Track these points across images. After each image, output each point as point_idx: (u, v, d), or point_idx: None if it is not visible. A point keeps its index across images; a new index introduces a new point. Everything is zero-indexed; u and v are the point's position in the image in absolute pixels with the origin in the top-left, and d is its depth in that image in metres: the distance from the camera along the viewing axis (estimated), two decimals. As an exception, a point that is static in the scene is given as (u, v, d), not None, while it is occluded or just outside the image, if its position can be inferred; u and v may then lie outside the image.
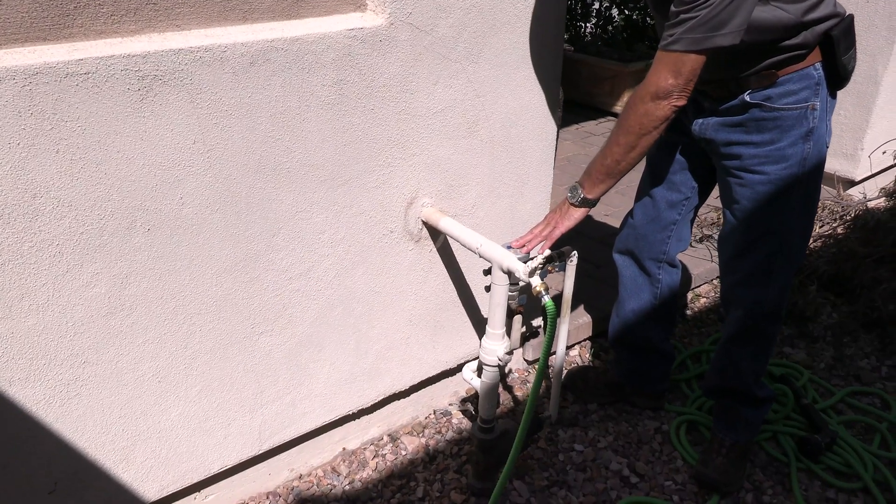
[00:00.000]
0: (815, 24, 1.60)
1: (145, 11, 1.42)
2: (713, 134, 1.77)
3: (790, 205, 1.74)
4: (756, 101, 1.66)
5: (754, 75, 1.66)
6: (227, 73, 1.48)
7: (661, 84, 1.53)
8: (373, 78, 1.71)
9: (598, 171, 1.73)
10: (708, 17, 1.44)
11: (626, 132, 1.62)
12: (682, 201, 1.98)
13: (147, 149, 1.43)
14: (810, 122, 1.66)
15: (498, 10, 1.87)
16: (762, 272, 1.84)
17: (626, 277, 2.16)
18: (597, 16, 6.38)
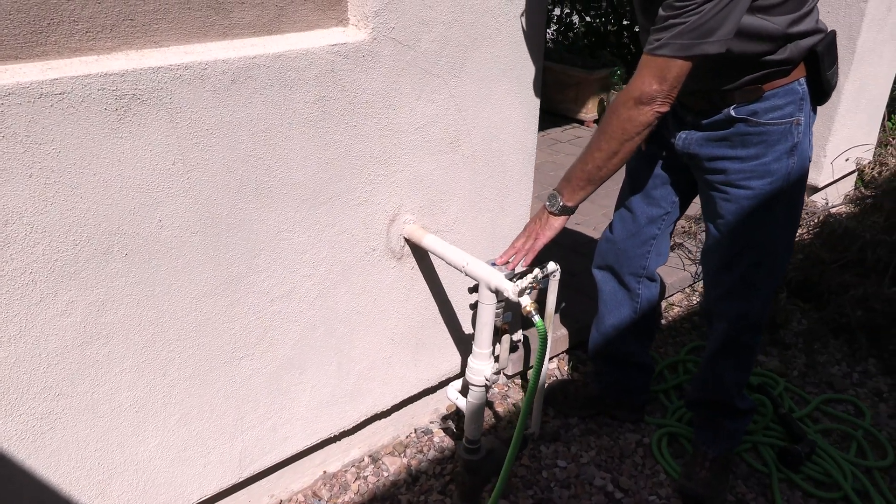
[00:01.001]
0: (799, 37, 1.60)
1: (122, 28, 1.35)
2: (697, 149, 1.77)
3: (775, 218, 1.75)
4: (741, 116, 1.66)
5: (739, 89, 1.66)
6: (208, 91, 1.43)
7: (645, 89, 1.51)
8: (355, 94, 1.67)
9: (579, 177, 1.70)
10: (697, 24, 1.42)
11: (609, 138, 1.60)
12: (662, 216, 1.98)
13: (125, 171, 1.37)
14: (795, 136, 1.67)
15: (480, 24, 1.84)
16: (747, 285, 1.84)
17: (605, 293, 2.15)
18: (557, 22, 6.43)
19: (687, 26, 1.42)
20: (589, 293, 2.25)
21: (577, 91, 5.13)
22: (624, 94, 1.56)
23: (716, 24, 1.42)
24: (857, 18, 3.49)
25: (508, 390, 2.54)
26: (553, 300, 2.04)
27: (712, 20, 1.41)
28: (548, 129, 5.05)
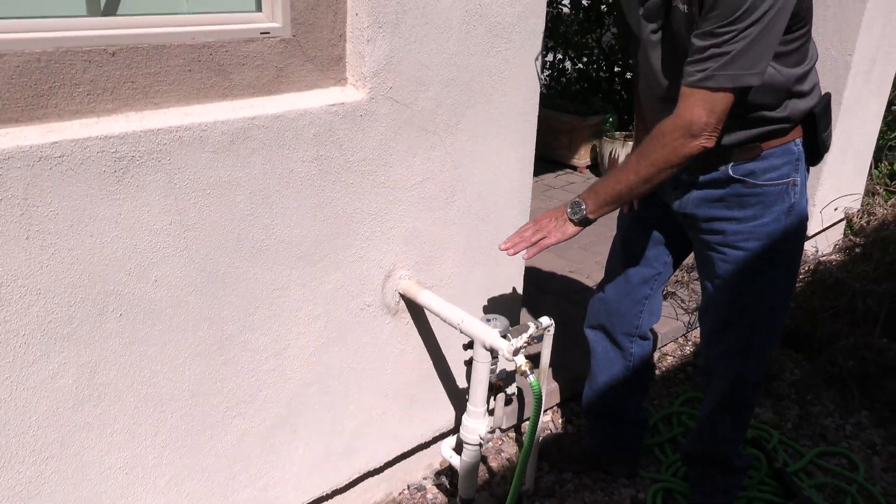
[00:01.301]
0: (799, 96, 1.63)
1: (123, 90, 1.37)
2: (694, 209, 1.78)
3: (773, 278, 1.75)
4: (739, 176, 1.68)
5: (738, 146, 1.67)
6: (207, 151, 1.44)
7: (694, 120, 1.49)
8: (353, 152, 1.68)
9: (609, 193, 1.66)
10: (740, 53, 1.42)
11: (650, 164, 1.57)
12: (655, 276, 1.98)
13: (122, 231, 1.37)
14: (791, 197, 1.69)
15: (475, 83, 1.87)
16: (745, 345, 1.85)
17: (598, 352, 2.15)
18: (550, 68, 6.53)
19: (730, 57, 1.43)
20: (582, 344, 2.25)
21: (570, 137, 5.19)
22: (670, 124, 1.53)
23: (756, 56, 1.43)
24: (843, 71, 3.56)
25: (503, 444, 2.52)
26: (547, 355, 2.04)
27: (753, 50, 1.42)
28: (541, 175, 5.09)
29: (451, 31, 1.76)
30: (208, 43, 1.44)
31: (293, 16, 1.55)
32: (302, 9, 1.56)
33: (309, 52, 1.60)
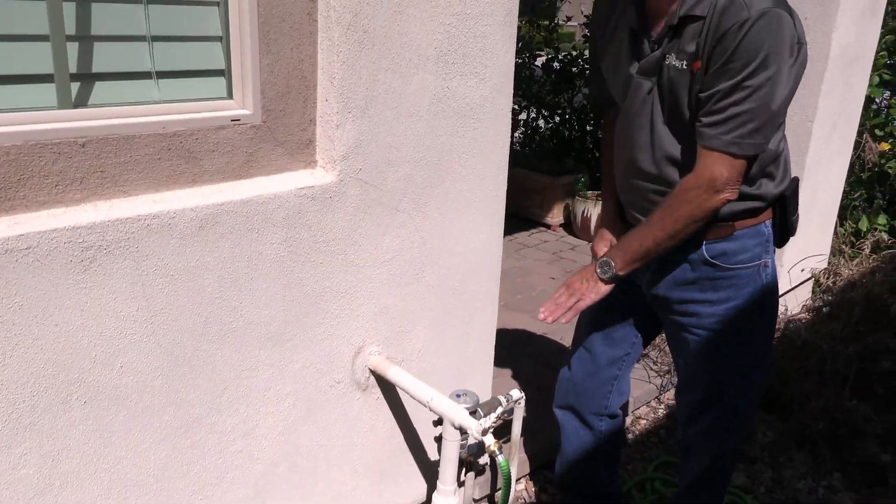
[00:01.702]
0: (771, 177, 1.68)
1: (92, 179, 1.38)
2: (666, 291, 1.80)
3: (749, 353, 1.78)
4: (711, 258, 1.71)
5: (712, 225, 1.70)
6: (175, 238, 1.45)
7: (717, 177, 1.54)
8: (322, 233, 1.70)
9: (636, 250, 1.69)
10: (759, 115, 1.48)
11: (675, 220, 1.61)
12: (623, 357, 1.99)
13: (88, 319, 1.37)
14: (763, 278, 1.73)
15: (444, 162, 1.91)
16: (727, 418, 1.86)
17: (567, 431, 2.15)
18: (524, 126, 6.66)
19: (753, 123, 1.49)
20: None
21: (542, 196, 5.27)
22: (694, 181, 1.58)
23: (774, 118, 1.51)
24: (805, 136, 3.67)
25: (475, 515, 2.50)
26: (518, 427, 2.04)
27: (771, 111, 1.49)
28: (514, 234, 5.15)
29: (420, 114, 1.81)
30: (179, 131, 1.47)
31: (264, 103, 1.58)
32: (272, 96, 1.59)
33: (279, 137, 1.63)
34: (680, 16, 1.56)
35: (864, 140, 4.44)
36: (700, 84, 1.54)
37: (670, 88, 1.60)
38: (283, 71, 1.59)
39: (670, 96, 1.61)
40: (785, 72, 1.48)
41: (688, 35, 1.56)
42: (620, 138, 1.80)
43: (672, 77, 1.59)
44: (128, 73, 1.46)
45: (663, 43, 1.61)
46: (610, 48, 1.77)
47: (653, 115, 1.67)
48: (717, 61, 1.50)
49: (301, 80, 1.63)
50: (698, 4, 1.54)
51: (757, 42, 1.45)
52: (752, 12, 1.46)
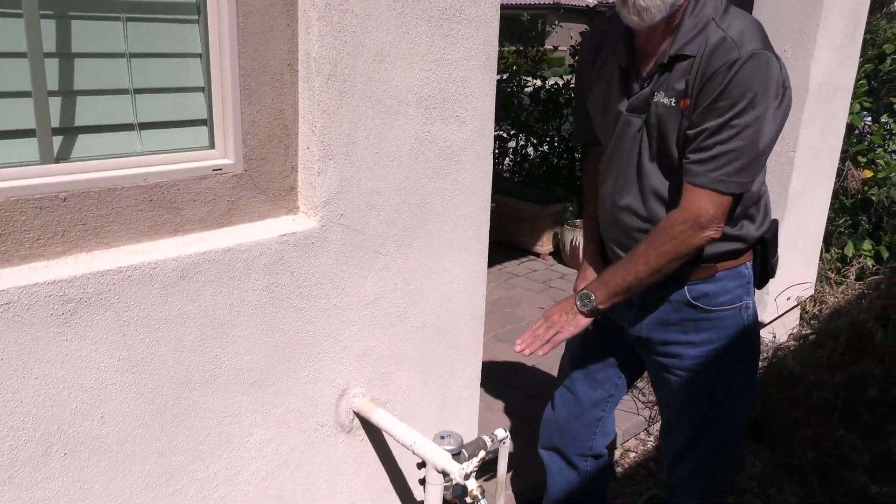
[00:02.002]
0: (751, 219, 1.70)
1: (73, 233, 1.40)
2: (649, 333, 1.81)
3: (732, 394, 1.79)
4: (693, 299, 1.72)
5: (695, 265, 1.71)
6: (157, 288, 1.46)
7: (702, 214, 1.55)
8: (304, 278, 1.72)
9: (618, 285, 1.69)
10: (745, 153, 1.50)
11: (659, 255, 1.61)
12: (607, 398, 2.00)
13: (68, 371, 1.38)
14: (744, 319, 1.74)
15: (426, 205, 1.93)
16: (714, 456, 1.86)
17: (553, 472, 2.15)
18: (514, 153, 6.71)
19: (739, 162, 1.51)
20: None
21: (532, 225, 5.30)
22: (679, 216, 1.59)
23: (761, 158, 1.54)
24: (787, 167, 3.71)
25: (463, 553, 2.48)
26: (504, 467, 2.04)
27: (758, 150, 1.52)
28: (504, 263, 5.17)
29: (402, 158, 1.83)
30: (160, 182, 1.49)
31: (246, 152, 1.60)
32: (254, 145, 1.62)
33: (261, 185, 1.65)
34: (670, 55, 1.59)
35: (847, 168, 4.49)
36: (688, 121, 1.57)
37: (658, 125, 1.63)
38: (264, 120, 1.62)
39: (658, 133, 1.63)
40: (771, 113, 1.51)
41: (677, 73, 1.59)
42: (607, 175, 1.81)
43: (661, 114, 1.61)
44: (111, 126, 1.48)
45: (653, 80, 1.64)
46: (598, 85, 1.79)
47: (640, 152, 1.69)
48: (706, 99, 1.52)
49: (282, 129, 1.65)
50: (689, 44, 1.57)
51: (746, 82, 1.49)
52: (741, 53, 1.49)
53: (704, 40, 1.54)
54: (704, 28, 1.56)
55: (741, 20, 1.56)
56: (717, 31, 1.54)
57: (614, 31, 1.73)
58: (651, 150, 1.67)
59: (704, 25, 1.57)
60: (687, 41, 1.57)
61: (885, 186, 4.40)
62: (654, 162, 1.68)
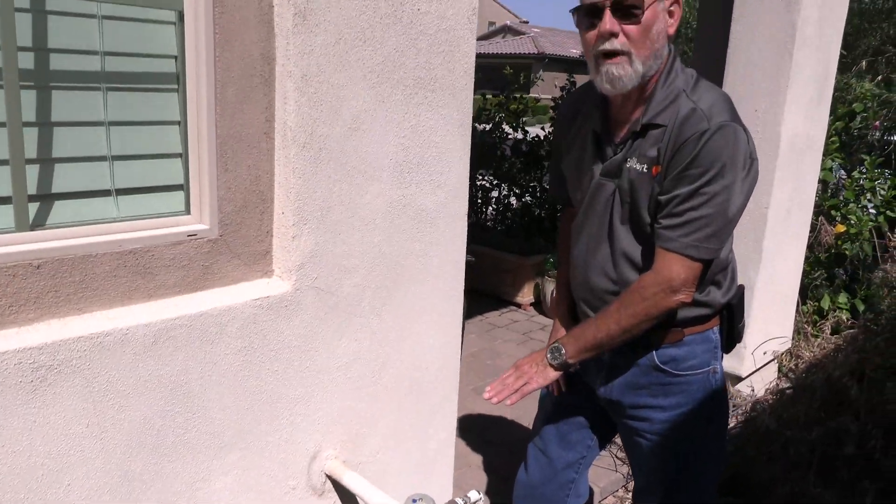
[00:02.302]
0: (718, 286, 1.74)
1: (46, 299, 1.41)
2: (619, 396, 1.83)
3: (702, 458, 1.80)
4: (661, 363, 1.75)
5: (663, 329, 1.74)
6: (128, 354, 1.47)
7: (675, 278, 1.59)
8: (277, 341, 1.73)
9: (589, 341, 1.71)
10: (716, 220, 1.56)
11: (630, 315, 1.64)
12: (580, 459, 2.01)
13: (35, 440, 1.37)
14: (713, 384, 1.77)
15: (401, 267, 1.96)
16: None
17: None
18: (496, 203, 6.79)
19: (710, 228, 1.57)
20: None
21: (513, 276, 5.33)
22: (651, 279, 1.62)
23: (730, 224, 1.60)
24: (760, 223, 3.79)
25: None
26: (478, 530, 2.03)
27: (728, 217, 1.57)
28: (485, 313, 5.19)
29: (376, 222, 1.86)
30: (135, 249, 1.51)
31: (221, 217, 1.63)
32: (230, 210, 1.64)
33: (235, 250, 1.67)
34: (643, 123, 1.65)
35: (820, 223, 4.58)
36: (659, 187, 1.61)
37: (631, 190, 1.67)
38: (240, 186, 1.65)
39: (631, 198, 1.68)
40: (739, 183, 1.58)
41: (649, 140, 1.64)
42: (579, 236, 1.85)
43: (633, 179, 1.66)
44: (88, 192, 1.50)
45: (626, 147, 1.69)
46: (573, 149, 1.85)
47: (612, 215, 1.74)
48: (677, 167, 1.58)
49: (258, 195, 1.68)
50: (661, 114, 1.63)
51: (715, 152, 1.55)
52: (711, 124, 1.56)
53: (676, 111, 1.61)
54: (676, 99, 1.63)
55: (711, 94, 1.63)
56: (687, 102, 1.61)
57: (590, 97, 1.79)
58: (623, 214, 1.72)
59: (676, 97, 1.63)
60: (659, 111, 1.64)
61: (857, 241, 4.48)
62: (625, 225, 1.72)
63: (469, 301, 5.36)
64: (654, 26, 1.60)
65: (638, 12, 1.57)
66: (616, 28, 1.58)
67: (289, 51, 1.60)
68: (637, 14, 1.57)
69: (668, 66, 1.66)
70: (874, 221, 4.62)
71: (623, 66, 1.60)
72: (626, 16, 1.57)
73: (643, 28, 1.58)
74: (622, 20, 1.58)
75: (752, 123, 3.66)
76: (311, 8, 1.61)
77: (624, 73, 1.60)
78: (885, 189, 4.76)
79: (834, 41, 3.97)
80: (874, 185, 4.72)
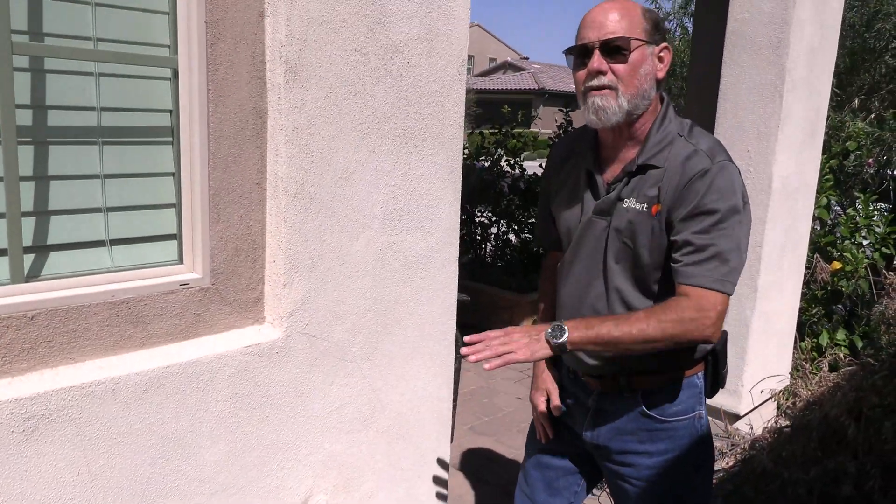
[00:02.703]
0: None
1: (40, 349, 1.44)
2: (606, 441, 1.83)
3: (691, 501, 1.81)
4: (648, 410, 1.75)
5: (648, 375, 1.74)
6: (119, 403, 1.49)
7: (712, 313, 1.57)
8: (269, 387, 1.75)
9: (600, 335, 1.60)
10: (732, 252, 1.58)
11: (658, 329, 1.58)
12: None
13: (27, 488, 1.39)
14: (699, 429, 1.78)
15: (391, 311, 1.99)
16: None
17: None
18: (495, 239, 6.83)
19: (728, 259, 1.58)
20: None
21: (510, 313, 5.35)
22: (691, 304, 1.59)
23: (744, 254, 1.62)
24: (755, 262, 3.81)
25: None
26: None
27: (743, 250, 1.60)
28: (483, 351, 5.18)
29: (367, 268, 1.90)
30: (128, 298, 1.54)
31: (213, 266, 1.67)
32: (222, 259, 1.68)
33: (227, 298, 1.70)
34: (639, 164, 1.69)
35: (816, 260, 4.60)
36: (660, 226, 1.65)
37: (630, 229, 1.70)
38: (232, 236, 1.69)
39: (630, 236, 1.70)
40: (746, 219, 1.63)
41: (649, 180, 1.68)
42: (569, 276, 1.86)
43: (632, 219, 1.69)
44: (82, 243, 1.54)
45: (619, 186, 1.73)
46: (564, 188, 1.88)
47: (606, 254, 1.76)
48: (686, 205, 1.61)
49: (250, 244, 1.72)
50: (657, 155, 1.68)
51: (724, 188, 1.60)
52: (714, 163, 1.61)
53: (671, 153, 1.66)
54: (672, 142, 1.68)
55: (707, 138, 1.70)
56: (686, 144, 1.67)
57: (584, 139, 1.84)
58: (617, 253, 1.74)
59: (671, 140, 1.69)
60: (654, 153, 1.69)
61: (852, 279, 4.50)
62: (619, 264, 1.75)
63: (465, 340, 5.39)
64: (641, 67, 1.66)
65: (626, 52, 1.64)
66: (604, 66, 1.64)
67: (280, 105, 1.65)
68: (625, 54, 1.64)
69: (664, 112, 1.72)
70: (869, 259, 4.65)
71: (608, 98, 1.65)
72: (614, 55, 1.64)
73: (630, 67, 1.64)
74: (610, 59, 1.64)
75: (745, 164, 3.71)
76: (303, 64, 1.66)
77: (608, 105, 1.65)
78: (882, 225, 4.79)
79: (824, 82, 4.04)
80: (869, 222, 4.75)
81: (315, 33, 1.67)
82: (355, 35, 1.75)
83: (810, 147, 4.00)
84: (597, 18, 1.64)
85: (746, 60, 3.66)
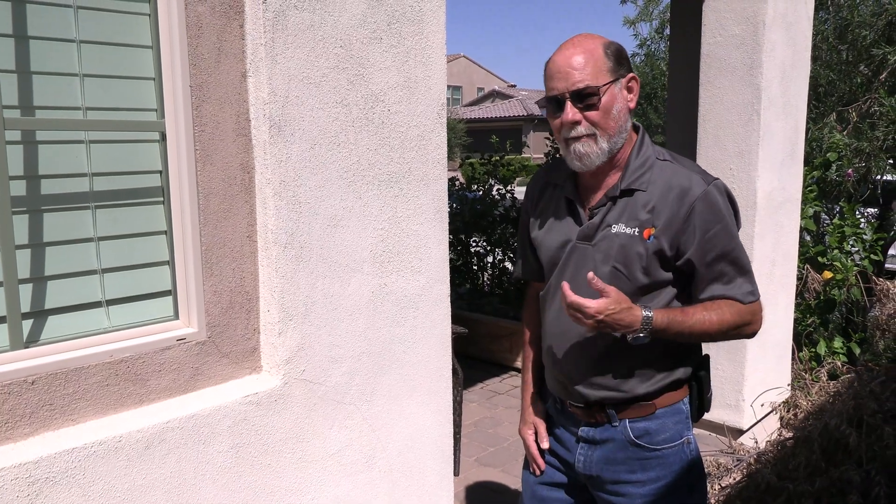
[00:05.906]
0: (686, 356, 1.79)
1: (41, 413, 1.47)
2: (599, 471, 1.85)
3: None
4: (636, 439, 1.77)
5: (634, 403, 1.77)
6: (121, 460, 1.52)
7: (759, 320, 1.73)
8: (269, 435, 1.78)
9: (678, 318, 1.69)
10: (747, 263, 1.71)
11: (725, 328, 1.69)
12: None
13: (33, 552, 1.41)
14: (688, 455, 1.80)
15: (386, 351, 2.02)
16: None
17: None
18: (492, 268, 6.88)
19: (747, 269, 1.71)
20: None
21: (511, 341, 5.37)
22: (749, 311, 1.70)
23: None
24: (746, 277, 3.86)
25: None
26: None
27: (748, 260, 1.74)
28: (486, 381, 5.20)
29: (360, 311, 1.93)
30: (126, 357, 1.57)
31: (208, 320, 1.70)
32: (217, 312, 1.72)
33: (224, 349, 1.74)
34: (622, 189, 1.74)
35: (807, 270, 4.65)
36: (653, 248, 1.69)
37: (622, 253, 1.74)
38: (226, 289, 1.73)
39: (619, 261, 1.73)
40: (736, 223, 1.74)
41: (637, 204, 1.73)
42: (556, 302, 1.86)
43: (624, 244, 1.73)
44: (79, 305, 1.58)
45: (601, 211, 1.77)
46: (542, 218, 1.92)
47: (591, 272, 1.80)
48: (697, 226, 1.67)
49: (243, 295, 1.76)
50: (638, 179, 1.73)
51: (724, 205, 1.69)
52: (707, 182, 1.69)
53: (653, 176, 1.72)
54: (652, 166, 1.74)
55: (686, 160, 1.78)
56: (671, 167, 1.73)
57: (562, 169, 1.87)
58: (603, 276, 1.77)
59: (651, 165, 1.74)
60: (636, 177, 1.74)
61: (843, 287, 4.54)
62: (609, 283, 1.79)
63: (468, 369, 5.39)
64: (613, 107, 1.70)
65: (595, 99, 1.67)
66: (578, 116, 1.69)
67: (267, 160, 1.70)
68: (595, 102, 1.68)
69: (640, 140, 1.78)
70: (858, 266, 4.69)
71: (589, 144, 1.70)
72: (585, 103, 1.68)
73: (603, 112, 1.69)
74: (582, 107, 1.68)
75: (729, 182, 3.77)
76: (286, 119, 1.71)
77: (590, 150, 1.70)
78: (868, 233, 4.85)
79: (800, 97, 4.12)
80: (855, 230, 4.81)
81: (297, 89, 1.73)
82: (336, 88, 1.81)
83: (791, 161, 4.07)
84: (562, 68, 1.67)
85: (722, 82, 3.74)
